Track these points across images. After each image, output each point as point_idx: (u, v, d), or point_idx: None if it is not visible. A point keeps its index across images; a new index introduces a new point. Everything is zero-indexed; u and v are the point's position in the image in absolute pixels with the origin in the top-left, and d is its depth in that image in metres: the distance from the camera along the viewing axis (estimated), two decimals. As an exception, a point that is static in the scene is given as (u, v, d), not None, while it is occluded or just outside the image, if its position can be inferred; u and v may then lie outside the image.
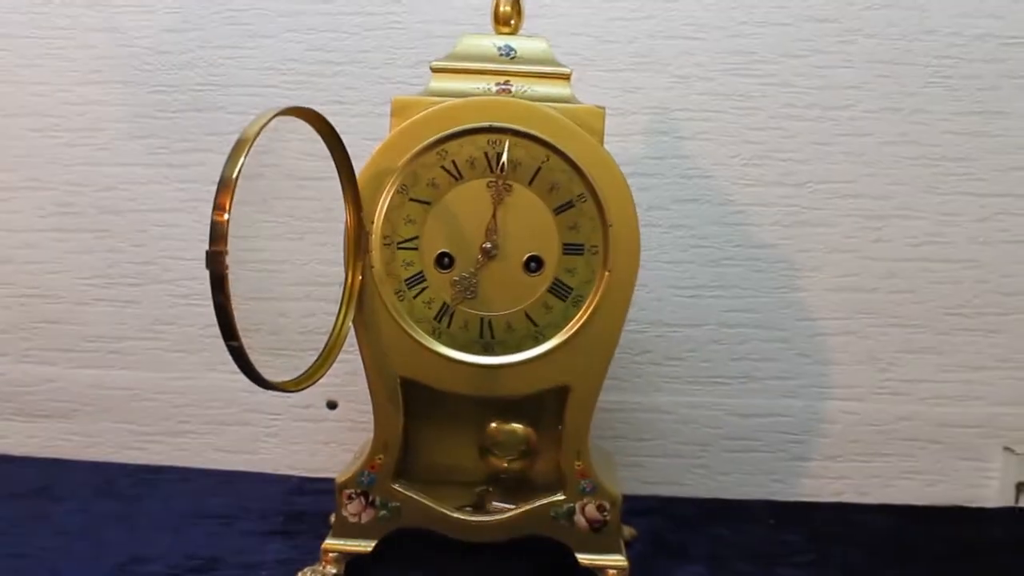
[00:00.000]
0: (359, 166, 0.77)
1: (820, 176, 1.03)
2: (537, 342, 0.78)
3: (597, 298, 0.77)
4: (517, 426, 0.82)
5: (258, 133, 0.66)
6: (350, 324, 0.78)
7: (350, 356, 0.81)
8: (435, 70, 0.80)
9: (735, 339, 1.06)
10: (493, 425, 0.82)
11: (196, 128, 1.03)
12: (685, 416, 1.06)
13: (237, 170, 0.64)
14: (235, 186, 0.64)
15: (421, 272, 0.78)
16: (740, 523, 1.00)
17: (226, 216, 0.63)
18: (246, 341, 0.66)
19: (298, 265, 1.04)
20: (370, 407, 0.81)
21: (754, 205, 1.04)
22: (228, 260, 0.64)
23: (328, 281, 0.95)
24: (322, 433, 1.07)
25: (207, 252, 0.63)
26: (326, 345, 0.77)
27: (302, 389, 0.74)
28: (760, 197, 1.03)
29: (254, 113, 0.70)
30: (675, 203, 1.04)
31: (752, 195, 1.04)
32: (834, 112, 1.02)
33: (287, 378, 0.73)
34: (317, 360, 0.77)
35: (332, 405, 1.05)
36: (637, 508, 0.99)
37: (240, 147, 0.65)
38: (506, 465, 0.82)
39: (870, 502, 1.04)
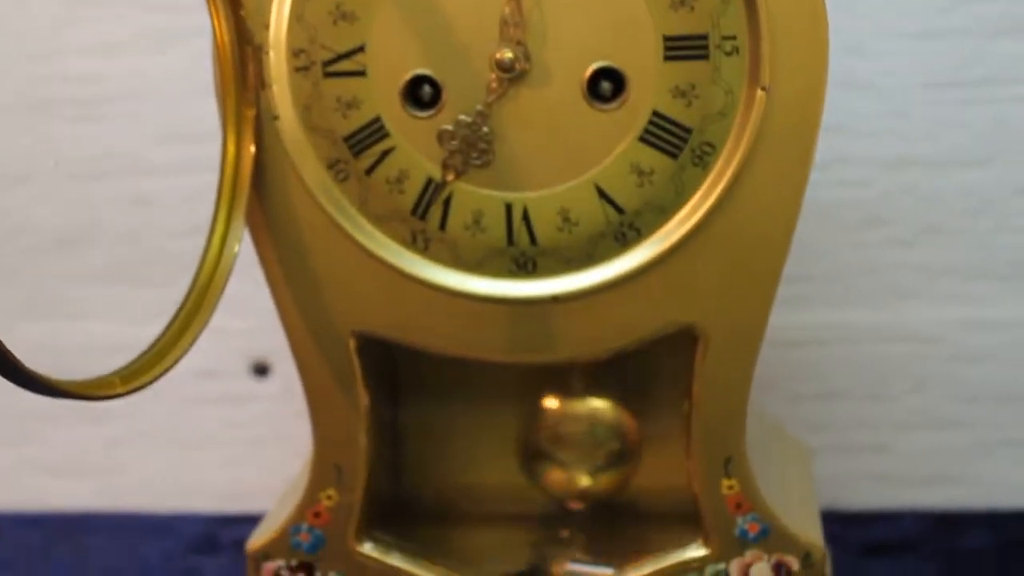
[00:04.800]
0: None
1: None
2: (625, 246, 0.63)
3: (744, 146, 0.61)
4: (600, 403, 0.74)
5: None
6: (236, 244, 0.62)
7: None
8: None
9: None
10: (550, 404, 0.74)
11: None
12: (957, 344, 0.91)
13: None
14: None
15: (378, 119, 0.63)
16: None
17: None
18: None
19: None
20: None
21: None
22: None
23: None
24: (246, 426, 0.99)
25: None
26: (191, 287, 0.61)
27: (144, 385, 0.58)
28: None
29: None
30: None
31: None
32: None
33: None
34: (174, 320, 0.60)
35: (261, 369, 1.00)
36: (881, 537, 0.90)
37: None
38: (584, 484, 0.74)
39: None
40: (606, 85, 0.61)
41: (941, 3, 0.86)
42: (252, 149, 0.62)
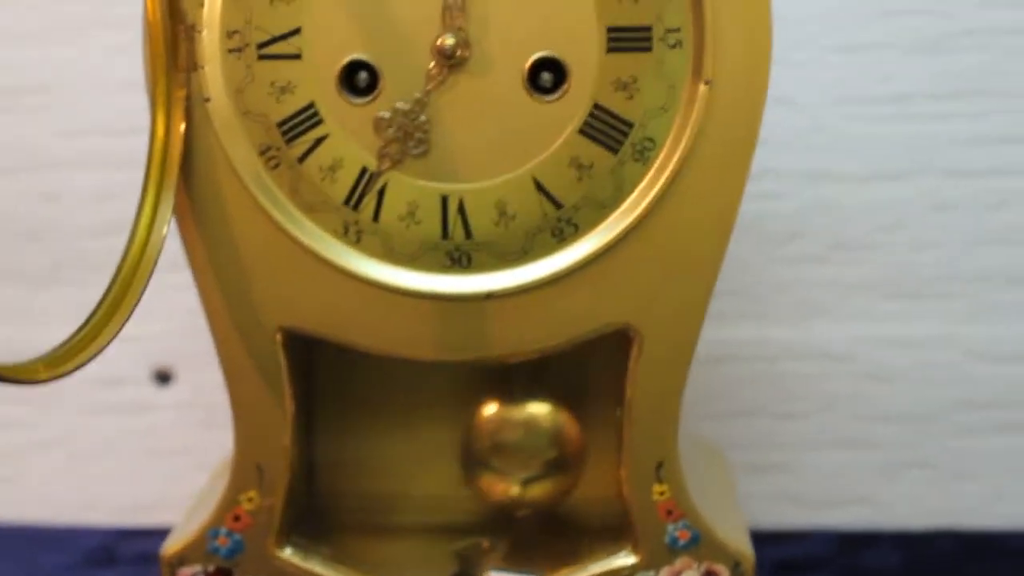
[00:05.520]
0: None
1: None
2: (562, 242, 0.62)
3: (687, 142, 0.60)
4: (539, 408, 0.72)
5: None
6: (164, 227, 0.61)
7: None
8: None
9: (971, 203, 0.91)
10: (490, 410, 0.72)
11: None
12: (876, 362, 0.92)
13: None
14: None
15: (311, 106, 0.61)
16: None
17: None
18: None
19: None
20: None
21: None
22: None
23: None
24: (146, 436, 0.97)
25: None
26: (117, 271, 0.59)
27: (68, 372, 0.57)
28: None
29: None
30: None
31: None
32: None
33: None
34: (100, 306, 0.58)
35: (164, 377, 0.97)
36: (789, 556, 0.90)
37: None
38: (517, 491, 0.72)
39: None
40: (546, 76, 0.61)
41: (861, 18, 0.86)
42: (182, 128, 0.60)
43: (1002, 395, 0.92)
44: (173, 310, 0.85)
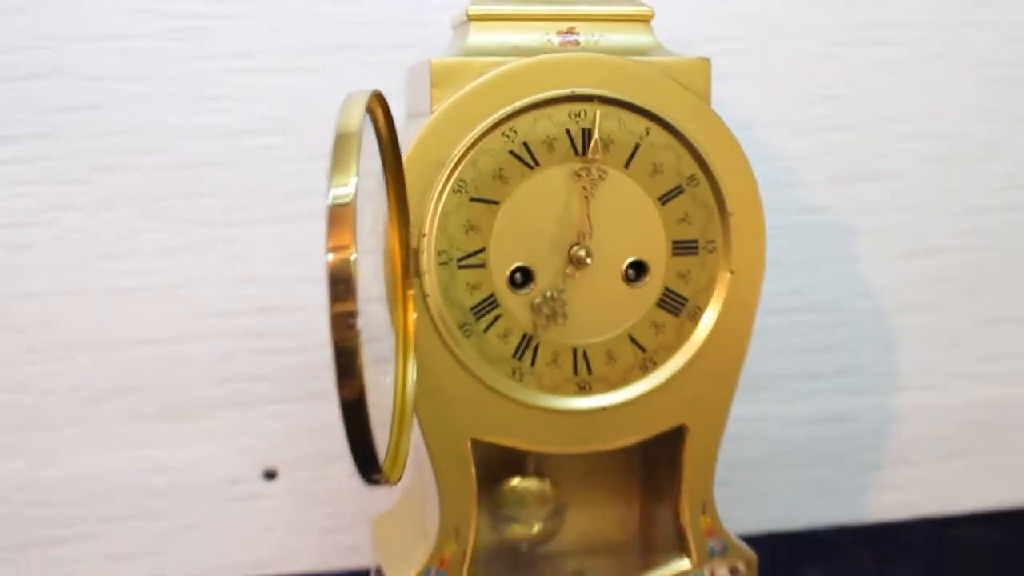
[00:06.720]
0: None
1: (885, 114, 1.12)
2: (646, 373, 0.81)
3: (719, 308, 0.81)
4: (534, 481, 0.88)
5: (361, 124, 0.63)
6: (413, 376, 0.76)
7: (287, 408, 0.99)
8: (475, 17, 0.80)
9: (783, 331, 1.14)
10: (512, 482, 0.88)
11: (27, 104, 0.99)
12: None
13: (354, 187, 0.60)
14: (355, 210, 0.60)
15: (492, 296, 0.78)
16: (828, 559, 1.09)
17: (353, 255, 0.59)
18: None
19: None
20: (323, 475, 1.01)
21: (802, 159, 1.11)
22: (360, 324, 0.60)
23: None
24: (260, 516, 1.07)
25: (334, 315, 0.59)
26: (394, 408, 0.75)
27: (399, 476, 0.71)
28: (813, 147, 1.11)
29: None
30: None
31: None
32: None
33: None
34: (392, 430, 0.74)
35: (271, 475, 1.06)
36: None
37: (347, 147, 0.62)
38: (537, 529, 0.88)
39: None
40: (632, 272, 0.79)
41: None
42: (414, 316, 0.76)
43: (803, 446, 1.14)
44: (274, 430, 0.98)
